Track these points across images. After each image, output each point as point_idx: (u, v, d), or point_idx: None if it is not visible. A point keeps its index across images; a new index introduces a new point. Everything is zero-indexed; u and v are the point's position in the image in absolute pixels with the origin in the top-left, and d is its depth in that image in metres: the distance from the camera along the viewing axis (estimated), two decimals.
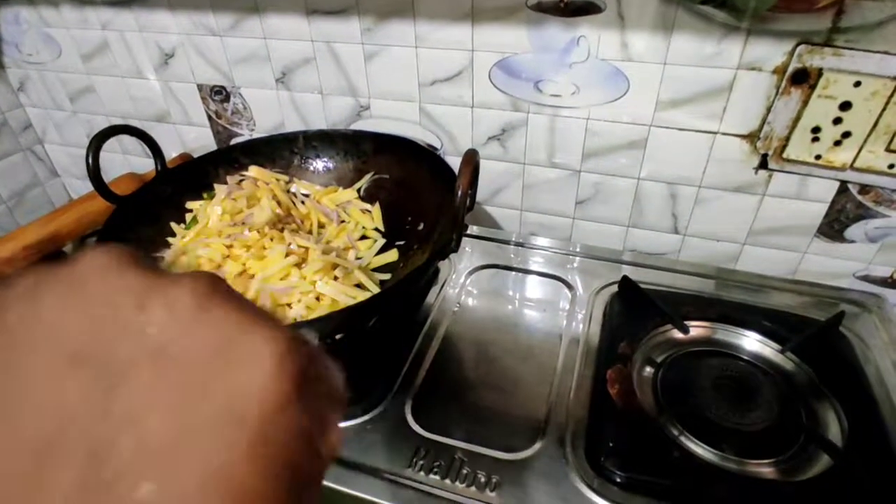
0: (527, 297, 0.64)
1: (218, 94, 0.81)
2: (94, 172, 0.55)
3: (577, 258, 0.69)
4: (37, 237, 0.76)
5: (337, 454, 0.16)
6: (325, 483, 0.45)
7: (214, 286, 0.15)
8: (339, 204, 0.66)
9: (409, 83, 0.69)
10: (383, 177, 0.66)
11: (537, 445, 0.47)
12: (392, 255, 0.60)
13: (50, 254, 0.78)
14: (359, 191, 0.67)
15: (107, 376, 0.13)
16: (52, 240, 0.77)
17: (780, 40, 0.54)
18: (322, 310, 0.51)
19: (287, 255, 0.54)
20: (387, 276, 0.58)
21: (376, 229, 0.64)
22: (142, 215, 0.59)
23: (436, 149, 0.74)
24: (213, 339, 0.14)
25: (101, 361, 0.13)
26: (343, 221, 0.64)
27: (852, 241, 0.64)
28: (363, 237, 0.64)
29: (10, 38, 0.88)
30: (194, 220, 0.59)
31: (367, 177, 0.67)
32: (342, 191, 0.67)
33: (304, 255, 0.55)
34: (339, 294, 0.52)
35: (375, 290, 0.53)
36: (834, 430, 0.48)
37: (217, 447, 0.13)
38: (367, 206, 0.66)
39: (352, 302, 0.51)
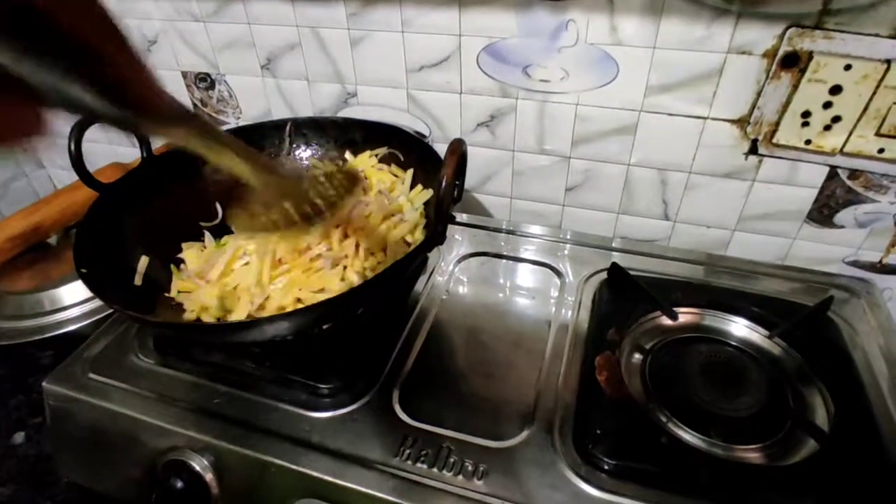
0: (516, 285, 0.64)
1: (203, 81, 0.80)
2: (77, 160, 0.54)
3: (567, 245, 0.69)
4: (20, 228, 0.75)
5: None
6: (312, 473, 0.44)
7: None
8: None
9: (396, 69, 0.68)
10: (394, 152, 0.66)
11: (525, 433, 0.47)
12: (427, 194, 0.60)
13: (34, 245, 0.77)
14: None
15: None
16: (35, 231, 0.76)
17: (771, 23, 0.54)
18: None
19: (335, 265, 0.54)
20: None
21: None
22: (127, 203, 0.58)
23: (424, 136, 0.73)
24: None
25: None
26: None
27: (841, 227, 0.63)
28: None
29: None
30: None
31: (383, 150, 0.66)
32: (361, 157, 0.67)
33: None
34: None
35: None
36: (821, 415, 0.48)
37: None
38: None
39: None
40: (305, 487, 0.44)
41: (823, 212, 0.63)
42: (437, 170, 0.57)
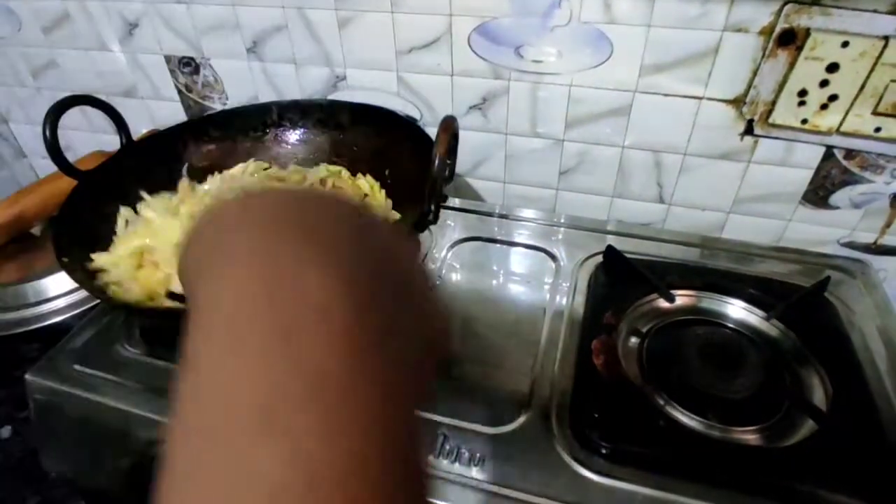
0: (510, 270, 0.63)
1: (187, 65, 0.78)
2: (53, 146, 0.52)
3: (562, 229, 0.68)
4: (1, 220, 0.73)
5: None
6: None
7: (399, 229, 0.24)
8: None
9: (385, 51, 0.67)
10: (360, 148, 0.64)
11: (522, 419, 0.46)
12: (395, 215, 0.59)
13: (17, 236, 0.75)
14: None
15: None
16: (17, 221, 0.74)
17: (767, 0, 0.53)
18: None
19: None
20: None
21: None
22: (106, 190, 0.56)
23: (415, 120, 0.71)
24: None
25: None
26: None
27: (837, 208, 0.63)
28: None
29: None
30: None
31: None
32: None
33: None
34: None
35: None
36: (819, 396, 0.48)
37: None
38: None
39: None
40: None
41: (819, 193, 0.63)
42: (428, 151, 0.57)
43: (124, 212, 0.56)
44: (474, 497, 0.41)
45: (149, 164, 0.60)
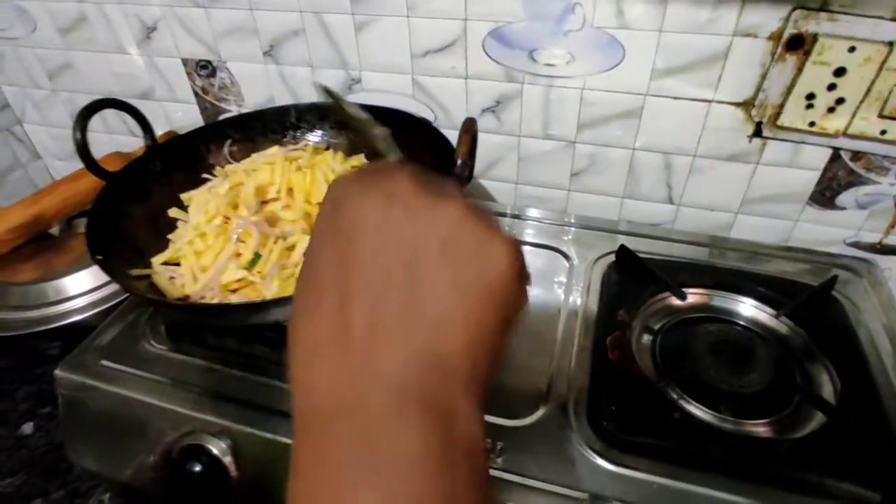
0: None
1: (204, 68, 0.79)
2: (83, 148, 0.53)
3: (573, 229, 0.70)
4: (21, 219, 0.74)
5: (526, 305, 0.25)
6: None
7: (470, 206, 0.23)
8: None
9: (401, 54, 0.68)
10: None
11: (540, 412, 0.48)
12: None
13: (36, 236, 0.77)
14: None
15: (411, 260, 0.22)
16: (36, 221, 0.75)
17: (776, 5, 0.54)
18: None
19: None
20: None
21: None
22: (132, 192, 0.57)
23: (429, 122, 0.73)
24: (473, 239, 0.22)
25: (408, 249, 0.22)
26: None
27: (843, 209, 0.64)
28: None
29: None
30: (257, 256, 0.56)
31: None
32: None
33: None
34: None
35: None
36: (827, 390, 0.49)
37: (475, 305, 0.22)
38: None
39: None
40: None
41: (825, 194, 0.64)
42: (444, 152, 0.58)
43: (174, 212, 0.58)
44: (497, 487, 0.43)
45: (173, 165, 0.61)
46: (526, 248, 0.67)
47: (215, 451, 0.47)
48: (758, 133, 0.62)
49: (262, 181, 0.58)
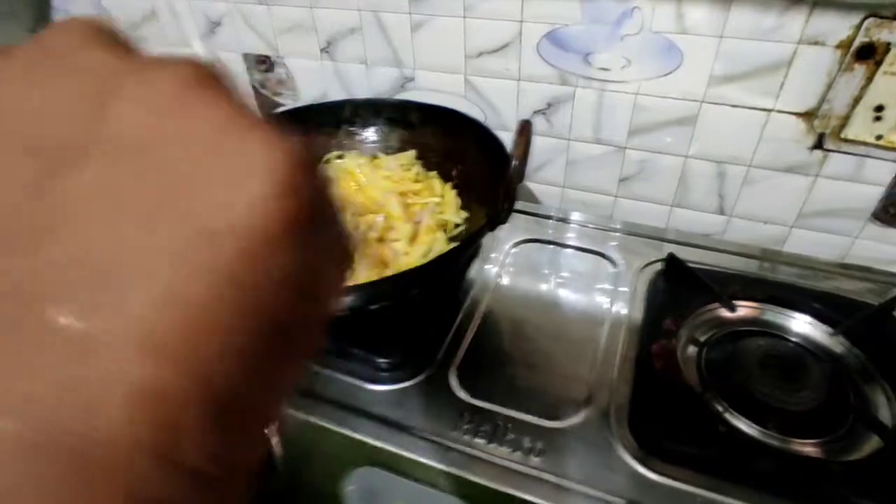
0: (568, 273, 0.64)
1: (262, 63, 0.82)
2: None
3: (619, 235, 0.69)
4: None
5: (330, 314, 0.13)
6: (373, 442, 0.46)
7: (204, 75, 0.12)
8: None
9: (455, 54, 0.69)
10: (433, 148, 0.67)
11: (581, 415, 0.47)
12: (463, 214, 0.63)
13: None
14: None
15: (50, 169, 0.11)
16: None
17: (847, 13, 0.52)
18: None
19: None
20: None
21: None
22: None
23: (479, 122, 0.73)
24: (192, 139, 0.11)
25: (49, 151, 0.11)
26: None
27: None
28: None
29: (60, 6, 0.90)
30: None
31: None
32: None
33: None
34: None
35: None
36: (884, 414, 0.47)
37: (174, 279, 0.10)
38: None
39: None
40: (366, 456, 0.46)
41: (890, 210, 0.61)
42: (495, 150, 0.59)
43: None
44: (534, 486, 0.43)
45: None
46: (569, 252, 0.67)
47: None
48: (819, 145, 0.60)
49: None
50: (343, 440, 0.46)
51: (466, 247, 0.48)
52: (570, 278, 0.63)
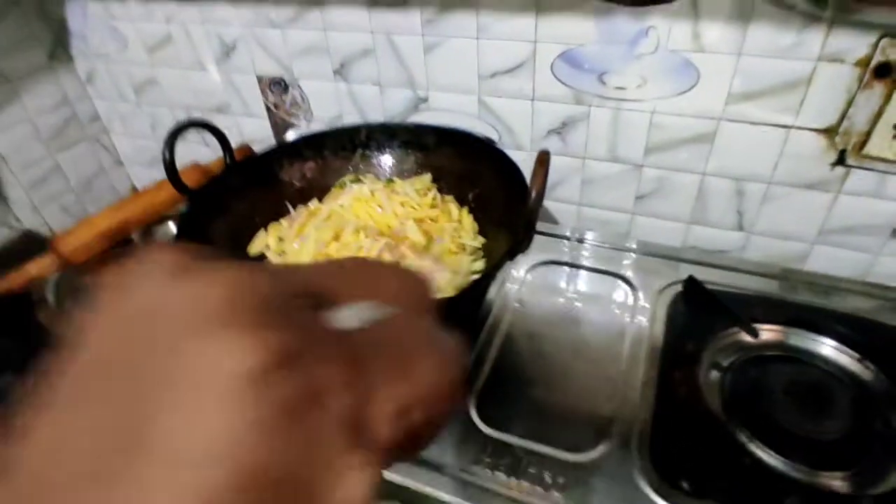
0: (587, 295, 0.64)
1: (277, 85, 0.82)
2: (171, 167, 0.57)
3: (638, 256, 0.68)
4: (108, 225, 0.80)
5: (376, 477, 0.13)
6: (389, 476, 0.46)
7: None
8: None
9: (468, 75, 0.69)
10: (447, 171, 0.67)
11: (602, 447, 0.47)
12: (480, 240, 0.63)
13: (119, 242, 0.82)
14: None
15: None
16: (121, 228, 0.80)
17: (865, 32, 0.52)
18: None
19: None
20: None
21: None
22: (212, 208, 0.60)
23: (493, 142, 0.73)
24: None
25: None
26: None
27: None
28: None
29: (78, 31, 0.91)
30: None
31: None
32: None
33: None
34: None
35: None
36: None
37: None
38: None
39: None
40: (383, 490, 0.46)
41: None
42: (510, 174, 0.58)
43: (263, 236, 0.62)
44: None
45: (248, 182, 0.64)
46: (587, 274, 0.66)
47: None
48: (841, 161, 0.59)
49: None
50: None
51: (487, 279, 0.47)
52: (589, 301, 0.62)
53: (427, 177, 0.67)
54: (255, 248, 0.63)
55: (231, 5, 0.76)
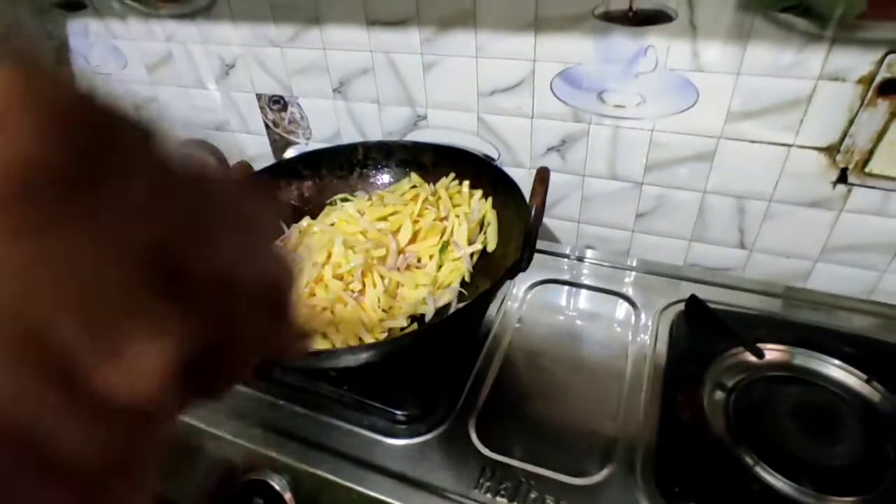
0: (588, 314, 0.63)
1: (276, 103, 0.82)
2: None
3: (638, 274, 0.68)
4: None
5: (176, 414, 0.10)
6: (387, 499, 0.44)
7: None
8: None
9: (467, 93, 0.69)
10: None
11: (606, 471, 0.46)
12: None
13: None
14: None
15: None
16: None
17: (868, 49, 0.51)
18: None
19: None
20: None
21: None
22: None
23: (493, 159, 0.73)
24: None
25: None
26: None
27: None
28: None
29: (79, 50, 0.91)
30: None
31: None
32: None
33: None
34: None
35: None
36: None
37: None
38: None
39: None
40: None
41: None
42: (510, 192, 0.58)
43: None
44: None
45: None
46: (588, 293, 0.65)
47: (277, 487, 0.48)
48: (843, 179, 0.59)
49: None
50: (361, 499, 0.45)
51: (487, 297, 0.47)
52: (590, 319, 0.61)
53: (405, 180, 0.66)
54: None
55: (231, 24, 0.76)
